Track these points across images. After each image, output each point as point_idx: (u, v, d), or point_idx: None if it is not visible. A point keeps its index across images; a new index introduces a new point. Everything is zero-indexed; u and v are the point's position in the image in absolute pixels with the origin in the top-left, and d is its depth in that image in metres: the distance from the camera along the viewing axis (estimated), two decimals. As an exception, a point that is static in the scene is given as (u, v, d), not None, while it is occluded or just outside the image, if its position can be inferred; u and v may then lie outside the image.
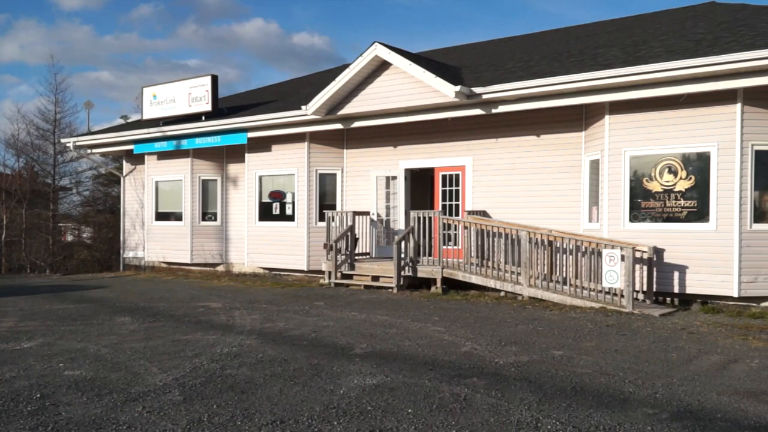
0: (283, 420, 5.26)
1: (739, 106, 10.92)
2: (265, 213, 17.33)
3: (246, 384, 6.31)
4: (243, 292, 13.70)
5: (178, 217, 19.08)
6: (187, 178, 18.81)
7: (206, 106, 17.72)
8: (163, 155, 19.35)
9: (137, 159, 20.60)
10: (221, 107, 18.43)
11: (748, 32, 11.58)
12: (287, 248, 16.76)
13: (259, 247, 17.43)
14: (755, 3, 14.26)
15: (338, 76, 14.43)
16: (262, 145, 17.28)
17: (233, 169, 18.71)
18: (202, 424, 5.21)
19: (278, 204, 17.12)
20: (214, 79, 17.70)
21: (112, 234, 24.97)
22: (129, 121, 25.54)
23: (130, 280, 17.33)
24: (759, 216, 11.08)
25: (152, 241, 19.67)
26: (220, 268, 18.71)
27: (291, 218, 16.77)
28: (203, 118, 17.83)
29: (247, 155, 17.71)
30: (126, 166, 21.49)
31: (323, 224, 15.64)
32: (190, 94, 18.03)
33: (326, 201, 16.61)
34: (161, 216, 19.59)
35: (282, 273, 17.15)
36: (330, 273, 14.61)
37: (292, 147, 16.71)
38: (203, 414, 5.43)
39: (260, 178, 17.47)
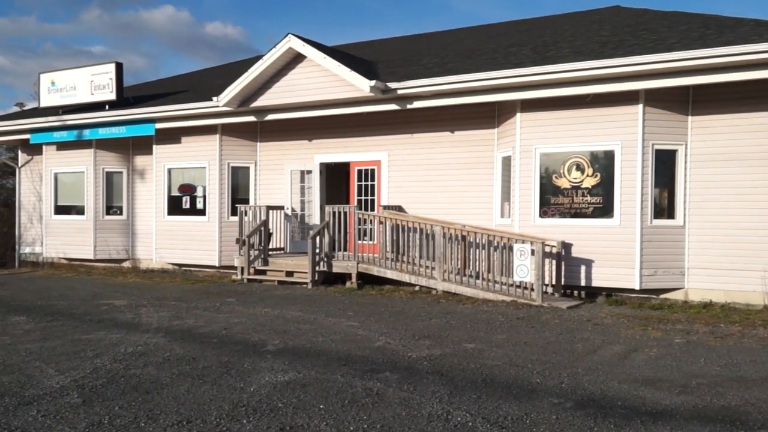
0: (190, 420, 5.12)
1: (641, 106, 11.42)
2: (175, 207, 16.86)
3: (151, 384, 6.11)
4: (150, 289, 13.28)
5: (80, 210, 18.29)
6: (89, 169, 18.04)
7: (110, 95, 17.02)
8: (63, 146, 18.46)
9: (34, 149, 19.58)
10: (127, 96, 17.79)
11: (649, 36, 12.16)
12: (198, 243, 16.38)
13: (169, 243, 16.95)
14: (657, 8, 15.02)
15: (251, 68, 14.19)
16: (172, 136, 16.79)
17: (140, 161, 18.09)
18: (103, 426, 5.00)
19: (188, 198, 16.68)
20: (119, 67, 17.02)
21: (6, 228, 23.59)
22: (25, 108, 24.25)
23: (26, 277, 16.47)
24: (659, 212, 11.65)
25: (52, 236, 18.77)
26: (127, 264, 18.07)
27: (202, 212, 16.38)
28: (107, 107, 17.14)
29: (155, 147, 17.15)
30: (22, 157, 20.39)
31: (236, 219, 15.37)
32: (92, 82, 17.28)
33: (239, 195, 16.33)
34: (62, 210, 18.73)
35: (192, 269, 16.74)
36: (243, 269, 14.37)
37: (204, 139, 16.32)
38: (104, 416, 5.21)
39: (169, 170, 16.97)
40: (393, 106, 13.40)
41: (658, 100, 11.48)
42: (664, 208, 11.73)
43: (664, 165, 11.62)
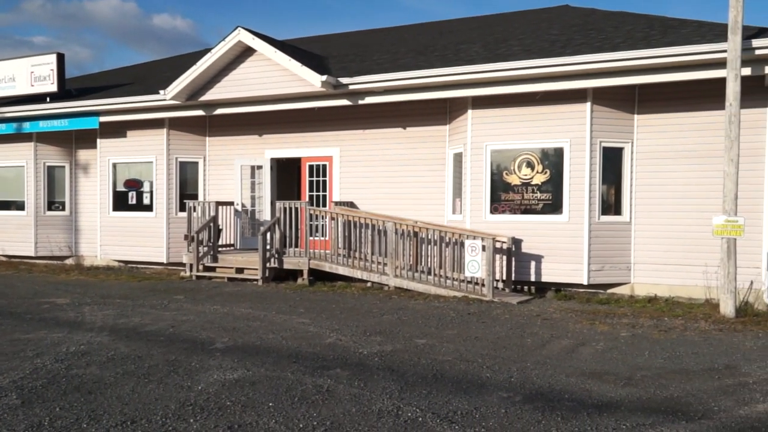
0: (135, 420, 5.00)
1: (589, 105, 11.63)
2: (121, 202, 16.48)
3: (94, 384, 5.95)
4: (95, 287, 12.94)
5: (20, 206, 17.72)
6: (30, 164, 17.48)
7: (51, 87, 16.51)
8: (1, 139, 17.81)
9: (-29, 142, 18.86)
10: (69, 88, 17.29)
11: (597, 35, 12.40)
12: (145, 240, 16.04)
13: (114, 239, 16.55)
14: (604, 8, 15.34)
15: (199, 61, 13.95)
16: (117, 130, 16.40)
17: (84, 155, 17.62)
18: (43, 428, 4.84)
19: (135, 193, 16.31)
20: (60, 58, 16.52)
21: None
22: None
23: (-38, 275, 15.85)
24: (606, 208, 11.92)
25: (-10, 233, 18.19)
26: (70, 261, 17.57)
27: (149, 208, 16.04)
28: (48, 99, 16.61)
29: (99, 141, 16.72)
30: (-42, 150, 19.60)
31: (184, 214, 15.13)
32: (32, 73, 16.73)
33: (187, 190, 16.05)
34: (1, 205, 18.11)
35: (139, 266, 16.39)
36: (191, 265, 14.14)
37: (150, 133, 15.98)
38: (44, 418, 5.05)
39: (114, 165, 16.57)
40: (345, 102, 13.36)
41: (605, 98, 11.71)
42: (612, 204, 11.98)
43: (612, 162, 11.87)
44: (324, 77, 12.61)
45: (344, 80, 12.77)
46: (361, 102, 13.22)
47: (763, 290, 10.46)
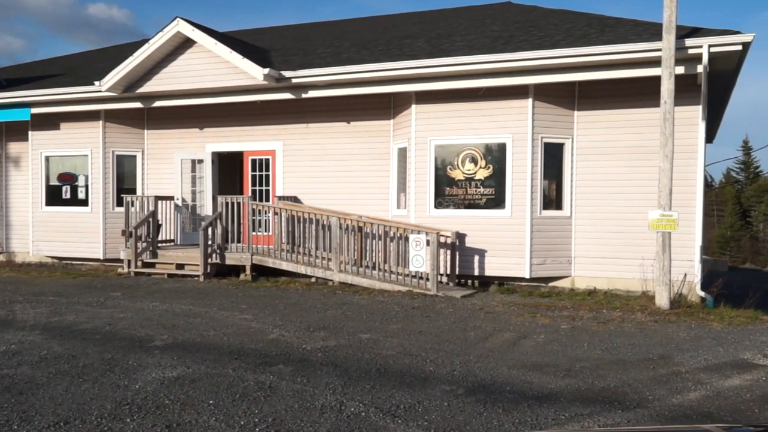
0: (68, 420, 4.85)
1: (530, 101, 11.81)
2: (54, 197, 15.95)
3: (26, 384, 5.75)
4: (27, 284, 12.50)
5: (-55, 201, 16.99)
6: (-43, 157, 16.77)
7: (-19, 76, 15.89)
8: (-75, 130, 17.06)
9: None
10: None
11: (537, 33, 12.61)
12: (80, 235, 15.57)
13: (47, 235, 16.01)
14: (545, 5, 15.63)
15: (137, 51, 13.60)
16: (50, 122, 15.85)
17: (15, 148, 16.97)
18: (-31, 432, 4.66)
19: (69, 187, 15.79)
20: (-9, 46, 15.94)
21: None
22: None
23: None
24: (548, 203, 12.14)
25: None
26: (0, 258, 16.91)
27: (84, 203, 15.58)
28: (-23, 89, 15.96)
29: (31, 133, 16.14)
30: None
31: (122, 210, 14.70)
32: (-41, 61, 16.10)
33: (125, 185, 15.64)
34: (-76, 200, 17.33)
35: (74, 262, 15.91)
36: (129, 261, 13.78)
37: (86, 125, 15.50)
38: (-29, 421, 4.85)
39: (47, 158, 16.01)
40: (288, 95, 13.25)
41: (547, 95, 11.91)
42: (553, 199, 12.22)
43: (553, 158, 12.09)
44: (266, 70, 12.48)
45: (287, 73, 12.67)
46: (304, 96, 13.13)
47: (695, 282, 10.83)
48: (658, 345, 7.51)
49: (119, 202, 15.21)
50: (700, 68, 10.46)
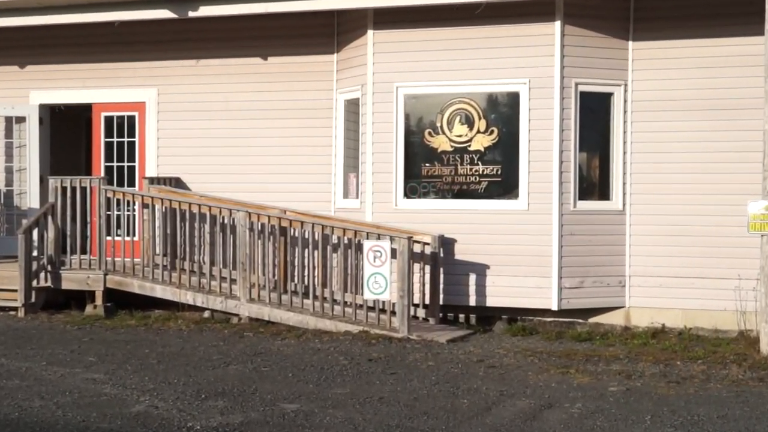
0: None
1: (558, 24, 10.90)
2: None
3: None
4: None
5: None
6: None
7: None
8: None
9: None
10: None
11: None
12: None
13: None
14: None
15: None
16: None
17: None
18: None
19: None
20: None
21: None
22: None
23: None
24: (587, 190, 11.33)
25: None
26: None
27: None
28: None
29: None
30: None
31: None
32: None
33: None
34: None
35: None
36: None
37: None
38: None
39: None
40: (166, 13, 11.97)
41: (584, 14, 10.99)
42: (595, 183, 11.49)
43: (595, 117, 11.28)
44: (129, -33, 11.11)
45: (165, -26, 11.32)
46: (192, 14, 11.92)
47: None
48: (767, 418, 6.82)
49: None
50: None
